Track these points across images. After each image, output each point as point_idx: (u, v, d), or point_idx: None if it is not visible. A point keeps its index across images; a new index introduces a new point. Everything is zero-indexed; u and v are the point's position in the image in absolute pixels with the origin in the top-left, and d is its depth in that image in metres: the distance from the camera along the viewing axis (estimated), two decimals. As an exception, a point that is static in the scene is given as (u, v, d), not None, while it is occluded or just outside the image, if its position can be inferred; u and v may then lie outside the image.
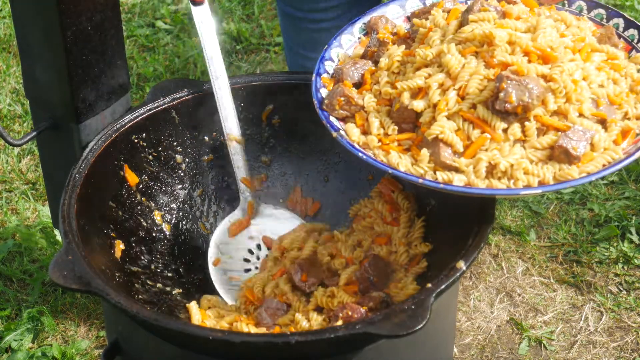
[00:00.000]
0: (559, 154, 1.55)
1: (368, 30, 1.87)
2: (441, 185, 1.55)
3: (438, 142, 1.58)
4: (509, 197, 1.53)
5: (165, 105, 1.92)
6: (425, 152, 1.59)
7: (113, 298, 1.50)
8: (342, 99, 1.70)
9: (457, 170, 1.58)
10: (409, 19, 1.87)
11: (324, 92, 1.74)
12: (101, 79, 1.89)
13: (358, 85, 1.75)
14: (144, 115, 1.89)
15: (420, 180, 1.56)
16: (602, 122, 1.60)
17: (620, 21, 1.79)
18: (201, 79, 3.55)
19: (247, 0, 4.09)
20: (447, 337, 1.87)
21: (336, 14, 2.51)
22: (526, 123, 1.57)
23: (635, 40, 1.76)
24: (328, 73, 1.79)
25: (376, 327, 1.43)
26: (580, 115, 1.59)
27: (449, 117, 1.60)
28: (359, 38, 1.87)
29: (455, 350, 2.51)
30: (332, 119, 1.70)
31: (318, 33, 2.54)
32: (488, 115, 1.57)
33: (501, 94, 1.55)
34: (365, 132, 1.69)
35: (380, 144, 1.65)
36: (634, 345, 2.54)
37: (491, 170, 1.56)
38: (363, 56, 1.81)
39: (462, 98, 1.60)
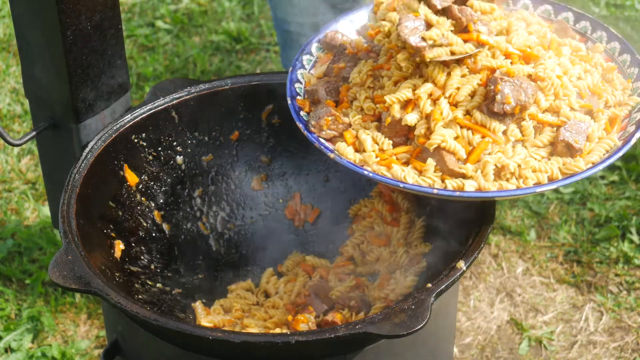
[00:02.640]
0: (561, 149, 1.56)
1: (324, 47, 1.85)
2: (457, 194, 1.53)
3: (441, 151, 1.57)
4: (523, 196, 1.53)
5: (165, 105, 1.92)
6: (431, 162, 1.58)
7: (113, 298, 1.50)
8: (330, 118, 1.67)
9: (463, 176, 1.57)
10: (359, 33, 1.85)
11: (303, 115, 1.72)
12: (101, 79, 1.88)
13: (336, 103, 1.73)
14: (143, 115, 1.89)
15: (435, 191, 1.54)
16: (589, 113, 1.62)
17: (570, 15, 1.79)
18: (201, 78, 3.56)
19: (247, 0, 4.09)
20: (447, 337, 1.87)
21: None
22: (523, 123, 1.58)
23: (589, 32, 1.76)
24: (300, 95, 1.77)
25: (376, 327, 1.43)
26: (571, 109, 1.60)
27: (444, 126, 1.59)
28: (318, 57, 1.85)
29: (455, 350, 2.51)
30: (321, 140, 1.68)
31: None
32: (486, 120, 1.57)
33: (498, 96, 1.55)
34: (357, 149, 1.67)
35: (378, 159, 1.63)
36: (634, 345, 2.54)
37: (498, 172, 1.56)
38: (328, 73, 1.79)
39: (454, 106, 1.60)
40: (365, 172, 1.59)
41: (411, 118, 1.61)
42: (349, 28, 1.85)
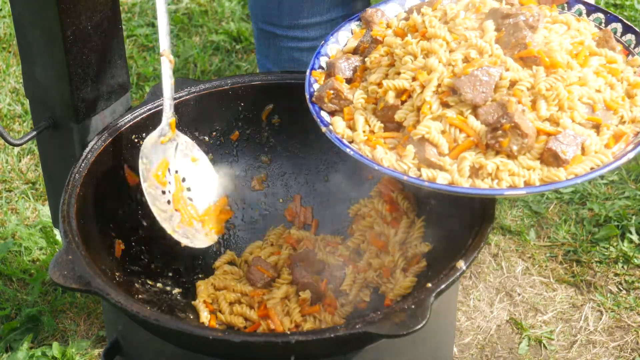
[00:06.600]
0: (548, 157, 1.54)
1: (363, 23, 1.85)
2: (426, 183, 1.54)
3: (424, 142, 1.58)
4: (493, 197, 1.53)
5: (165, 105, 1.92)
6: (410, 148, 1.58)
7: (113, 298, 1.50)
8: (332, 92, 1.69)
9: (441, 168, 1.57)
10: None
11: (316, 87, 1.74)
12: (101, 79, 1.89)
13: (350, 80, 1.74)
14: (144, 115, 1.89)
15: (405, 177, 1.55)
16: (597, 127, 1.60)
17: (619, 26, 1.78)
18: (201, 78, 3.56)
19: (247, 0, 4.09)
20: (447, 337, 1.87)
21: (319, 33, 2.40)
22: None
23: (633, 46, 1.76)
24: (322, 68, 1.78)
25: (376, 327, 1.43)
26: (573, 121, 1.58)
27: (434, 119, 1.59)
28: (352, 31, 1.86)
29: (455, 350, 2.51)
30: (323, 113, 1.70)
31: (300, 52, 2.42)
32: (480, 128, 1.56)
33: (498, 132, 1.54)
34: (351, 128, 1.69)
35: (366, 139, 1.65)
36: (634, 344, 2.54)
37: (476, 170, 1.55)
38: (355, 50, 1.80)
39: (447, 106, 1.60)
40: (348, 149, 1.61)
41: (399, 115, 1.62)
42: (396, 11, 1.85)
